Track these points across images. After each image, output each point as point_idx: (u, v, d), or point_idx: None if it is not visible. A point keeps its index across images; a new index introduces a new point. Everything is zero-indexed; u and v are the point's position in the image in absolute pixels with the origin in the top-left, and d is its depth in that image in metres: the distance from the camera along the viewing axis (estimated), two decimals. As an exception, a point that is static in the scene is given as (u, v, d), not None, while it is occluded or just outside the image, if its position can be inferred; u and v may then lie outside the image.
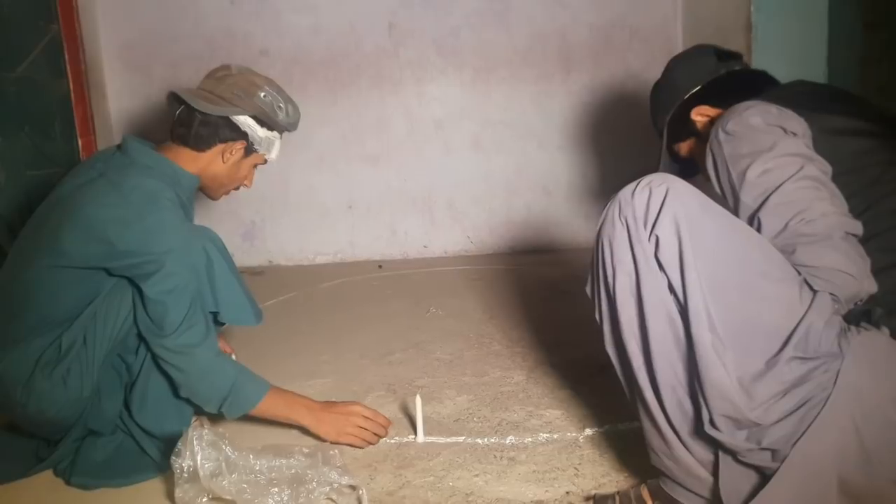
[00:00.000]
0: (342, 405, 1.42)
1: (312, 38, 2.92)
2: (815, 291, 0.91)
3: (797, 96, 1.13)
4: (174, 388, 1.31)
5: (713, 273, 0.90)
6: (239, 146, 1.42)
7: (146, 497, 1.25)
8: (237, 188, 1.53)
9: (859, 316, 0.94)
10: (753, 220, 0.99)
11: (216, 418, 1.49)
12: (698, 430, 0.94)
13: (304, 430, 1.41)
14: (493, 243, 3.08)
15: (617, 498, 1.08)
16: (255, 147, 1.44)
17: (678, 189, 0.94)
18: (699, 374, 0.90)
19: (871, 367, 0.88)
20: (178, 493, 1.15)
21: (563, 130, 3.03)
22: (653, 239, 0.94)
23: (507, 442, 1.39)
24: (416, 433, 1.42)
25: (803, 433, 0.87)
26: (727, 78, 1.28)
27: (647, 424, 1.02)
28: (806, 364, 0.88)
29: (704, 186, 1.03)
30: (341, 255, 3.08)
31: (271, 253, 3.07)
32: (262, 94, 1.42)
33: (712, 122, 1.20)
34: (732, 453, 0.92)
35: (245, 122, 1.41)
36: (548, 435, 1.41)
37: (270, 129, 1.45)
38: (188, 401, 1.34)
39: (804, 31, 2.39)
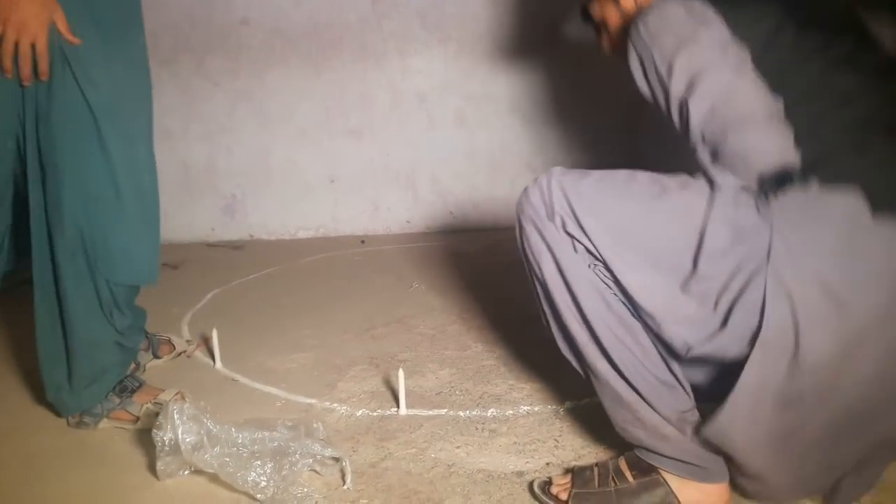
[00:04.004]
0: (46, 12, 1.15)
1: (294, 8, 2.87)
2: (712, 183, 0.95)
3: None
4: None
5: (608, 216, 0.98)
6: None
7: (128, 470, 1.25)
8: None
9: (777, 181, 0.95)
10: (683, 108, 1.02)
11: (196, 394, 1.49)
12: (657, 384, 1.00)
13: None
14: (476, 219, 3.08)
15: (595, 469, 1.10)
16: None
17: (557, 170, 1.03)
18: (647, 314, 0.96)
19: (801, 225, 0.89)
20: (159, 465, 1.16)
21: (547, 106, 3.02)
22: (557, 219, 1.01)
23: (489, 414, 1.41)
24: (398, 406, 1.43)
25: (762, 314, 0.88)
26: None
27: (608, 401, 1.05)
28: (733, 249, 0.90)
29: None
30: (323, 229, 3.07)
31: (252, 227, 3.05)
32: None
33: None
34: (725, 367, 0.96)
35: None
36: (528, 407, 1.43)
37: None
38: None
39: None
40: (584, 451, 1.26)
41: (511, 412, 1.41)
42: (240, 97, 2.92)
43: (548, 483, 1.12)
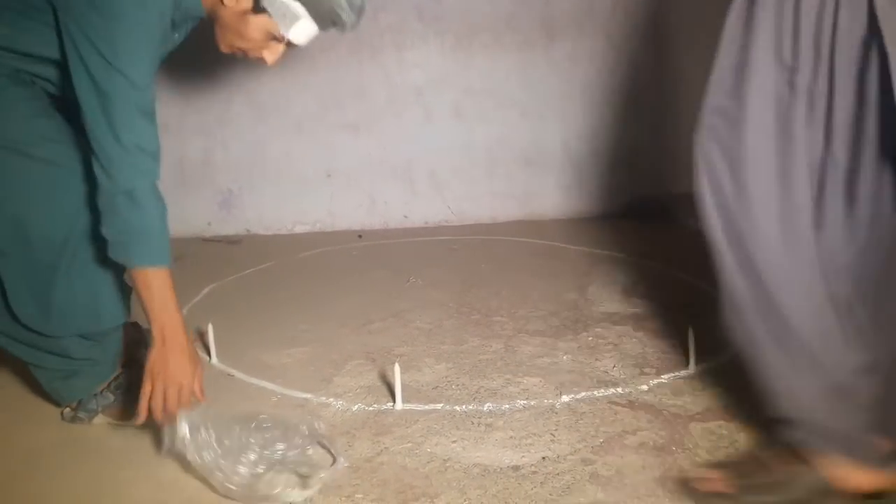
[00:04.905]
0: (193, 367, 1.20)
1: (290, 2, 2.85)
2: None
3: None
4: None
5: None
6: None
7: (123, 465, 1.25)
8: (256, 59, 1.36)
9: None
10: None
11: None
12: (826, 337, 0.99)
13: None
14: (473, 213, 3.07)
15: (750, 460, 1.10)
16: (266, 6, 1.23)
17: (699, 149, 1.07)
18: None
19: None
20: (156, 459, 1.15)
21: (545, 100, 3.01)
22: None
23: (485, 409, 1.41)
24: (394, 401, 1.43)
25: None
26: None
27: (774, 359, 1.04)
28: None
29: None
30: (320, 224, 3.06)
31: (249, 222, 3.04)
32: None
33: None
34: None
35: None
36: (525, 402, 1.43)
37: None
38: None
39: None
40: (580, 446, 1.26)
41: (507, 406, 1.41)
42: (236, 91, 2.91)
43: (699, 480, 1.10)
